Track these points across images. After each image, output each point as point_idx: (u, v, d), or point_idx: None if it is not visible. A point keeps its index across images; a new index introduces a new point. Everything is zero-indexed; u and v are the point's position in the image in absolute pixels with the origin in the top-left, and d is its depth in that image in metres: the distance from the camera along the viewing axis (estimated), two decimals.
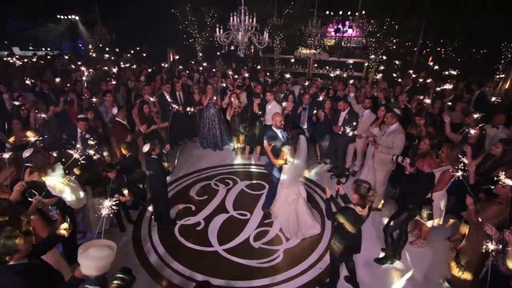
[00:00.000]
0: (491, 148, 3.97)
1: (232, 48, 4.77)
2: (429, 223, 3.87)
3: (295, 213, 4.41)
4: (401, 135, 4.44)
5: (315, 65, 11.79)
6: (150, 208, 4.66)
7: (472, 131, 4.07)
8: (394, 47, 12.58)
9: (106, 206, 2.09)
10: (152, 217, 4.78)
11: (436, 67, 10.25)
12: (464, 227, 4.17)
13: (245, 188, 5.80)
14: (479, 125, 4.23)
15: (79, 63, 11.09)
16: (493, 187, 3.02)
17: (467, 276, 3.32)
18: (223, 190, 5.70)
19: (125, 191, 4.23)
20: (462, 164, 3.02)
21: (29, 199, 2.86)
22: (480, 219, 2.96)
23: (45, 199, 3.11)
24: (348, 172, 6.35)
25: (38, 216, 2.87)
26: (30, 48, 17.04)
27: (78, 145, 4.39)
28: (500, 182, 2.74)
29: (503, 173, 2.76)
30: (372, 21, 11.47)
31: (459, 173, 2.87)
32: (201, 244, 4.33)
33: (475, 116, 4.54)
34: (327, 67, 11.63)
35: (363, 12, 11.16)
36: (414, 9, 10.13)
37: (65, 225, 2.51)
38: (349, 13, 12.93)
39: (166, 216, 4.67)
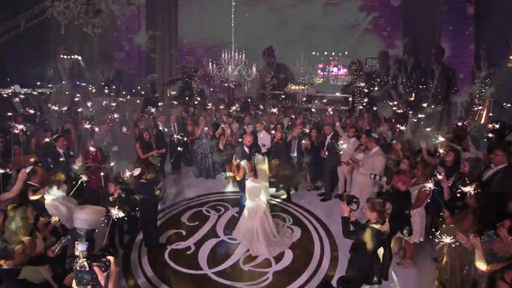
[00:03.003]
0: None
1: (226, 84, 5.25)
2: (409, 238, 4.02)
3: (256, 231, 4.62)
4: (381, 158, 4.76)
5: (304, 99, 12.53)
6: None
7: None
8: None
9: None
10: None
11: (411, 98, 11.08)
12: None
13: (236, 214, 5.89)
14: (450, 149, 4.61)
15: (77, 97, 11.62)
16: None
17: None
18: (214, 216, 5.79)
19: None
20: (434, 179, 3.33)
21: (41, 218, 3.22)
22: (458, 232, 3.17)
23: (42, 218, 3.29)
24: (356, 199, 6.56)
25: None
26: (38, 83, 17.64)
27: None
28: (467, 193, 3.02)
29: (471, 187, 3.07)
30: (355, 60, 12.50)
31: (431, 185, 3.18)
32: (191, 268, 4.35)
33: (441, 139, 4.96)
34: (316, 101, 12.38)
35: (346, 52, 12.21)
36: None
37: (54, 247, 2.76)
38: (333, 53, 14.06)
39: (155, 240, 4.73)
